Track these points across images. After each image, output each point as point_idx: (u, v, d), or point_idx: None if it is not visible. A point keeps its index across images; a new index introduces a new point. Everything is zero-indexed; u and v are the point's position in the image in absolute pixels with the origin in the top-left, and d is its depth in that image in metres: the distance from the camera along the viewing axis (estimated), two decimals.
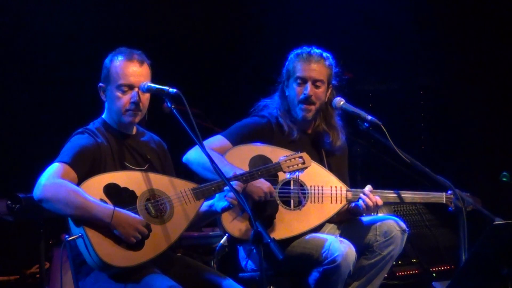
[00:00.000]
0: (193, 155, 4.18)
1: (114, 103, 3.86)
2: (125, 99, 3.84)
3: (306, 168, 4.03)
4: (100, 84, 3.90)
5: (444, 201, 4.36)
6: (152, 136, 4.08)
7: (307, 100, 4.33)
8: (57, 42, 5.99)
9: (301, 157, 4.03)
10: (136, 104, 3.84)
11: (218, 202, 3.84)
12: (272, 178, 4.13)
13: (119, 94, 3.84)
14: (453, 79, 6.87)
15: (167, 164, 4.04)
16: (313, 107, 4.35)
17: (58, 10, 5.98)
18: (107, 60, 3.91)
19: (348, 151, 4.57)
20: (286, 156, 4.02)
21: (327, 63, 4.38)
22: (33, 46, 5.98)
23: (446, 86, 6.90)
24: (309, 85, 4.32)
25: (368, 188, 4.27)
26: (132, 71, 3.85)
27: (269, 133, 4.35)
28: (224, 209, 3.83)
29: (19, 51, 5.95)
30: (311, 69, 4.34)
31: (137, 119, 3.90)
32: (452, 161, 6.62)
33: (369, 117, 4.32)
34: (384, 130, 4.26)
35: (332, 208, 4.27)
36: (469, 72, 6.77)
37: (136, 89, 3.84)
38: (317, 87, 4.34)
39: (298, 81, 4.34)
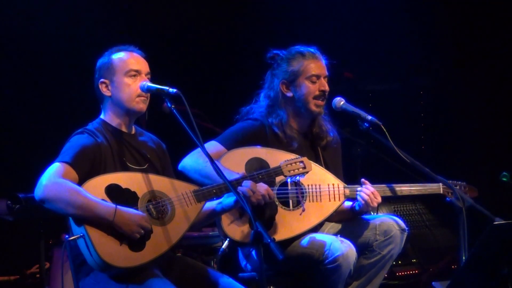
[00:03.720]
0: (189, 162, 4.17)
1: (124, 91, 3.86)
2: (136, 85, 3.86)
3: (306, 172, 4.03)
4: (102, 80, 3.89)
5: (442, 192, 4.38)
6: (151, 136, 4.08)
7: (324, 95, 4.36)
8: (57, 42, 5.99)
9: (302, 161, 4.03)
10: None
11: (227, 198, 3.86)
12: (269, 180, 4.12)
13: (128, 81, 3.85)
14: (453, 79, 6.87)
15: (166, 163, 4.05)
16: (324, 101, 4.38)
17: (57, 10, 5.98)
18: (104, 58, 3.92)
19: (345, 146, 4.59)
20: (287, 160, 4.02)
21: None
22: (33, 46, 5.98)
23: (446, 86, 6.90)
24: (324, 81, 4.36)
25: (362, 181, 4.27)
26: (136, 59, 3.91)
27: (263, 136, 4.34)
28: (237, 201, 3.82)
29: (18, 51, 5.96)
30: (323, 66, 4.39)
31: (145, 108, 3.90)
32: (452, 160, 6.63)
33: (369, 117, 4.33)
34: (384, 130, 4.26)
35: (331, 206, 4.27)
36: (469, 72, 6.77)
37: (143, 75, 3.87)
38: (326, 81, 4.39)
39: (313, 78, 4.36)
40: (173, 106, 3.73)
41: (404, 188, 4.37)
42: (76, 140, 3.78)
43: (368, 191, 4.23)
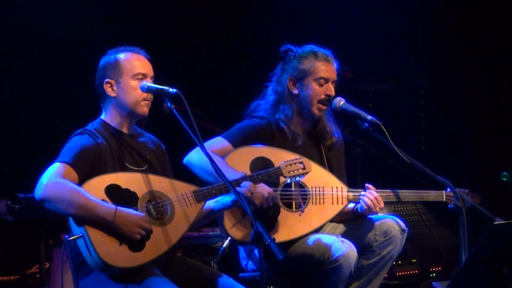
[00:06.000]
0: (195, 158, 4.16)
1: (130, 93, 3.85)
2: None
3: (306, 173, 4.03)
4: (107, 80, 3.87)
5: (444, 199, 4.37)
6: (151, 136, 4.08)
7: (328, 99, 4.36)
8: (57, 43, 5.99)
9: (301, 162, 4.03)
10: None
11: (225, 197, 3.85)
12: (273, 180, 4.12)
13: (135, 84, 3.84)
14: (453, 79, 6.87)
15: (165, 164, 4.04)
16: (328, 106, 4.37)
17: (57, 10, 5.98)
18: (110, 57, 3.90)
19: (345, 146, 4.58)
20: (287, 161, 4.02)
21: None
22: (33, 46, 5.98)
23: (446, 86, 6.90)
24: (331, 85, 4.36)
25: (366, 186, 4.27)
26: (143, 62, 3.89)
27: (269, 135, 4.35)
28: (235, 201, 3.83)
29: (19, 52, 5.95)
30: (333, 70, 4.38)
31: (148, 111, 3.90)
32: (452, 161, 6.63)
33: (369, 117, 4.33)
34: (384, 130, 4.26)
35: (334, 209, 4.26)
36: (469, 72, 6.77)
37: (149, 79, 3.86)
38: (333, 87, 4.38)
39: (321, 81, 4.35)
40: (173, 106, 3.73)
41: (407, 195, 4.36)
42: (76, 140, 3.77)
43: (371, 196, 4.23)
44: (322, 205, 4.25)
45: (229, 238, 4.20)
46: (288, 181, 4.11)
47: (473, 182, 4.84)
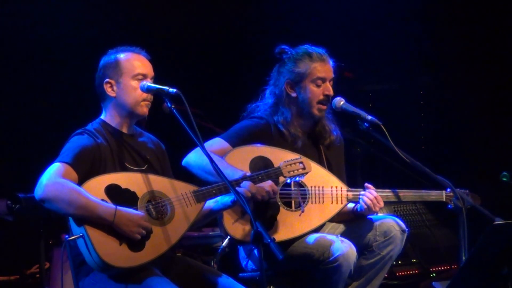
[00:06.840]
0: (193, 158, 4.16)
1: (130, 94, 3.85)
2: None
3: (306, 173, 4.03)
4: (107, 79, 3.87)
5: (444, 199, 4.37)
6: (151, 136, 4.08)
7: (327, 99, 4.35)
8: (56, 43, 5.99)
9: (301, 162, 4.03)
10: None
11: (225, 197, 3.85)
12: (272, 180, 4.12)
13: (135, 84, 3.84)
14: (453, 79, 6.87)
15: (165, 164, 4.04)
16: (327, 105, 4.37)
17: (57, 11, 5.98)
18: (111, 57, 3.89)
19: (345, 146, 4.57)
20: (287, 161, 4.02)
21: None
22: (32, 46, 5.98)
23: (446, 85, 6.91)
24: (329, 85, 4.35)
25: (366, 186, 4.27)
26: (144, 62, 3.89)
27: (268, 135, 4.34)
28: (235, 201, 3.83)
29: (18, 52, 5.96)
30: (329, 69, 4.37)
31: (147, 112, 3.90)
32: (452, 161, 6.63)
33: (369, 117, 4.32)
34: (384, 130, 4.26)
35: (333, 208, 4.27)
36: (469, 72, 6.77)
37: (149, 79, 3.86)
38: (331, 85, 4.38)
39: (318, 82, 4.34)
40: (173, 106, 3.73)
41: (407, 194, 4.36)
42: (75, 140, 3.77)
43: (371, 196, 4.23)
44: (321, 205, 4.25)
45: (228, 237, 4.20)
46: (288, 181, 4.11)
47: (473, 182, 4.83)
